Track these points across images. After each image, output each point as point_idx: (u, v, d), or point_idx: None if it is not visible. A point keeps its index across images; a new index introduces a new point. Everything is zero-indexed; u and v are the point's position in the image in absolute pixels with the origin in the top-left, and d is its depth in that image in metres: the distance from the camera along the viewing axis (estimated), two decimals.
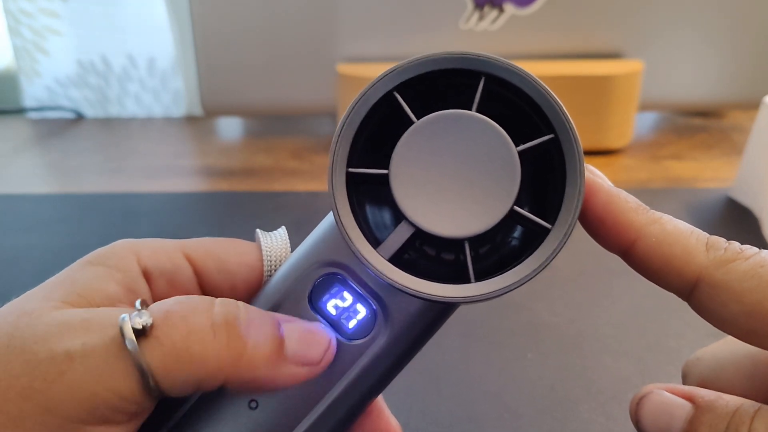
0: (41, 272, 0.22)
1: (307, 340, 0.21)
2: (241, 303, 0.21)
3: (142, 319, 0.19)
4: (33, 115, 0.85)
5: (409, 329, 0.22)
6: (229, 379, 0.20)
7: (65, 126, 0.82)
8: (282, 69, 0.70)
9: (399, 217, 0.20)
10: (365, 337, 0.22)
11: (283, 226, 0.25)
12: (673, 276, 0.20)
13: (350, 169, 0.20)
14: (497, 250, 0.21)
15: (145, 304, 0.20)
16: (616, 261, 0.50)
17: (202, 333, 0.19)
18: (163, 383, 0.19)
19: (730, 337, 0.23)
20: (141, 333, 0.18)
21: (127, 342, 0.18)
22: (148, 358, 0.18)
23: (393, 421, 0.25)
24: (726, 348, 0.24)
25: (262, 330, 0.20)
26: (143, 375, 0.18)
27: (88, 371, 0.18)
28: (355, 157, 0.20)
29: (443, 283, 0.20)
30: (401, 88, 0.20)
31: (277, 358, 0.20)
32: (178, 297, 0.20)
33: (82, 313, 0.19)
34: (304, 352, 0.21)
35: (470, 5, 0.66)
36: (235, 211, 0.58)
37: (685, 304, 0.20)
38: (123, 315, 0.19)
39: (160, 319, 0.19)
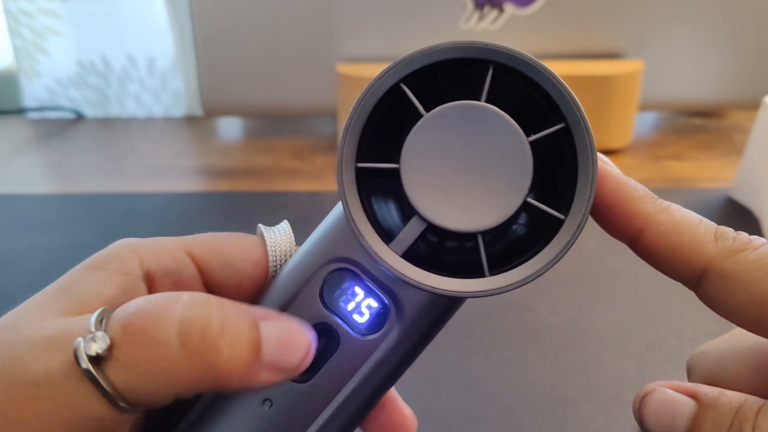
0: (41, 272, 0.22)
1: (286, 345, 0.19)
2: (213, 299, 0.19)
3: (96, 344, 0.17)
4: (33, 115, 0.85)
5: (421, 322, 0.22)
6: (204, 389, 0.18)
7: (65, 126, 0.82)
8: (282, 69, 0.70)
9: (407, 209, 0.20)
10: (378, 332, 0.22)
11: (285, 221, 0.25)
12: (681, 265, 0.19)
13: (359, 164, 0.20)
14: (503, 237, 0.21)
15: (108, 313, 0.18)
16: (617, 260, 0.49)
17: (166, 347, 0.17)
18: (134, 401, 0.18)
19: (735, 330, 0.23)
20: (97, 359, 0.17)
21: (83, 368, 0.17)
22: (112, 379, 0.17)
23: (407, 410, 0.25)
24: (731, 341, 0.24)
25: (239, 335, 0.18)
26: (107, 397, 0.17)
27: (55, 398, 0.17)
28: (362, 152, 0.20)
29: (452, 273, 0.19)
30: (408, 80, 0.19)
31: (252, 364, 0.18)
32: (139, 300, 0.18)
33: (51, 328, 0.18)
34: (282, 358, 0.19)
35: (470, 5, 0.66)
36: (235, 211, 0.58)
37: (685, 303, 0.20)
38: (78, 338, 0.17)
39: (119, 335, 0.17)
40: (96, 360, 0.17)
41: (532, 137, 0.19)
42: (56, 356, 0.17)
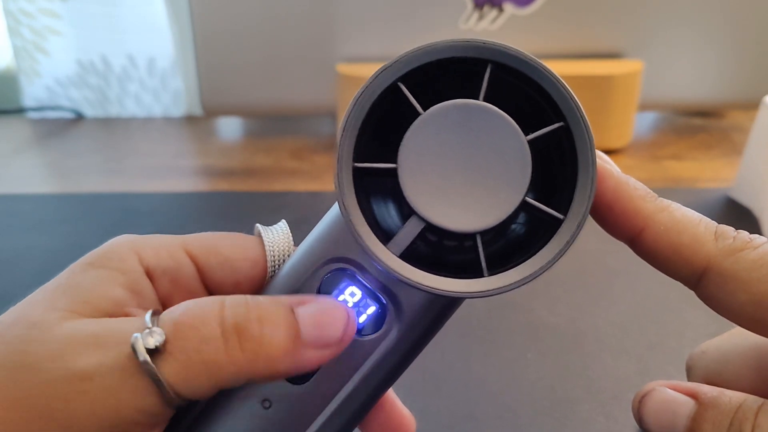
0: (41, 272, 0.22)
1: (323, 321, 0.20)
2: (249, 298, 0.20)
3: (154, 339, 0.18)
4: (33, 115, 0.85)
5: (420, 322, 0.22)
6: (251, 378, 0.19)
7: (65, 126, 0.82)
8: (282, 69, 0.70)
9: (405, 209, 0.20)
10: (377, 332, 0.22)
11: (284, 220, 0.25)
12: (681, 264, 0.19)
13: (357, 164, 0.19)
14: (502, 236, 0.21)
15: (156, 314, 0.19)
16: (617, 260, 0.49)
17: (214, 341, 0.19)
18: (183, 393, 0.19)
19: (735, 329, 0.23)
20: (154, 352, 0.18)
21: (141, 361, 0.18)
22: (165, 372, 0.18)
23: (405, 412, 0.25)
24: (731, 340, 0.24)
25: (275, 324, 0.19)
26: (161, 389, 0.18)
27: (107, 390, 0.18)
28: (360, 152, 0.20)
29: (451, 273, 0.19)
30: (406, 78, 0.19)
31: (294, 347, 0.19)
32: (187, 303, 0.20)
33: (92, 326, 0.19)
34: (322, 335, 0.20)
35: (470, 5, 0.66)
36: (235, 211, 0.58)
37: (685, 303, 0.20)
38: (135, 334, 0.18)
39: (171, 332, 0.19)
40: (152, 353, 0.18)
41: (531, 136, 0.19)
42: (108, 352, 0.18)
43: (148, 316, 0.19)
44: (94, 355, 0.18)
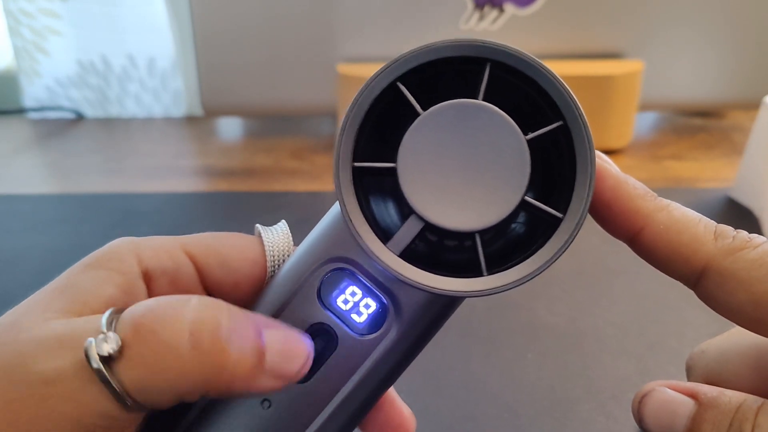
0: (41, 272, 0.22)
1: (287, 353, 0.19)
2: (223, 303, 0.19)
3: (108, 345, 0.17)
4: (33, 115, 0.85)
5: (420, 322, 0.22)
6: (208, 391, 0.18)
7: (65, 126, 0.82)
8: (282, 69, 0.70)
9: (405, 208, 0.20)
10: (377, 331, 0.22)
11: (284, 220, 0.25)
12: (681, 264, 0.19)
13: (356, 164, 0.19)
14: (501, 235, 0.21)
15: (117, 314, 0.18)
16: (616, 260, 0.49)
17: (177, 346, 0.17)
18: (141, 401, 0.18)
19: (735, 329, 0.23)
20: (108, 359, 0.17)
21: (94, 369, 0.17)
22: (121, 379, 0.17)
23: (406, 411, 0.25)
24: (731, 340, 0.24)
25: (246, 340, 0.18)
26: (118, 396, 0.17)
27: (65, 397, 0.17)
28: (359, 151, 0.20)
29: (451, 272, 0.19)
30: (405, 78, 0.19)
31: (256, 371, 0.19)
32: (149, 302, 0.19)
33: (59, 328, 0.18)
34: (283, 366, 0.19)
35: (470, 5, 0.66)
36: (235, 212, 0.58)
37: (685, 302, 0.20)
38: (89, 339, 0.17)
39: (130, 335, 0.18)
40: (107, 360, 0.17)
41: (530, 135, 0.19)
42: (66, 355, 0.18)
43: (104, 317, 0.18)
44: (53, 359, 0.18)
